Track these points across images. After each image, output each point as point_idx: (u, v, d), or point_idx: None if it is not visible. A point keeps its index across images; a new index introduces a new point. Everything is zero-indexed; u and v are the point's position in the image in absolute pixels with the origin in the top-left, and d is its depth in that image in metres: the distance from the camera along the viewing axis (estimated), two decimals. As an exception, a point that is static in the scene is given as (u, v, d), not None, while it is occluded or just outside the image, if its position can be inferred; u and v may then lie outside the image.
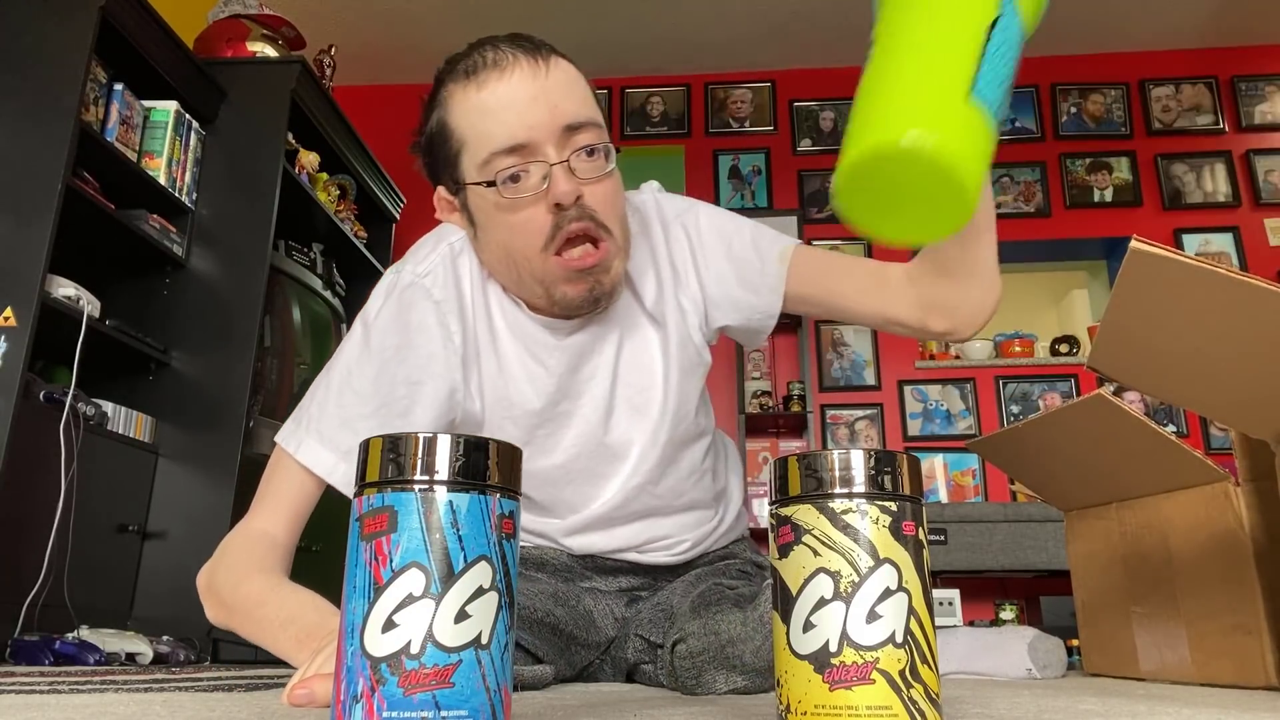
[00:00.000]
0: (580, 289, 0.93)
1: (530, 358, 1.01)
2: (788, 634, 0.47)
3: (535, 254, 0.91)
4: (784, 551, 0.48)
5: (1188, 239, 3.89)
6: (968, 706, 0.66)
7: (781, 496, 0.49)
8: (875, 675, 0.44)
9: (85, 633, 1.81)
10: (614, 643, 1.08)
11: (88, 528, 2.06)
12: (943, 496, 3.60)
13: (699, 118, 4.27)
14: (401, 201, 3.62)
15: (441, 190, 0.99)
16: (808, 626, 0.45)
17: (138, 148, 2.44)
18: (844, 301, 1.03)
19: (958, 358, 3.94)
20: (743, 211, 1.28)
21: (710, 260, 1.05)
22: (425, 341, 0.98)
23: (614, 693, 0.89)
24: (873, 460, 0.47)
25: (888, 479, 0.47)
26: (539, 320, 1.00)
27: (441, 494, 0.42)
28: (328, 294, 2.98)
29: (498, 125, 0.89)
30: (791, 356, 3.94)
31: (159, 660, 1.86)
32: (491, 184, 0.89)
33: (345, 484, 0.93)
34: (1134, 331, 0.89)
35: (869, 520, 0.46)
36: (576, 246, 0.91)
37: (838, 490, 0.47)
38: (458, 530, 0.42)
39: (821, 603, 0.46)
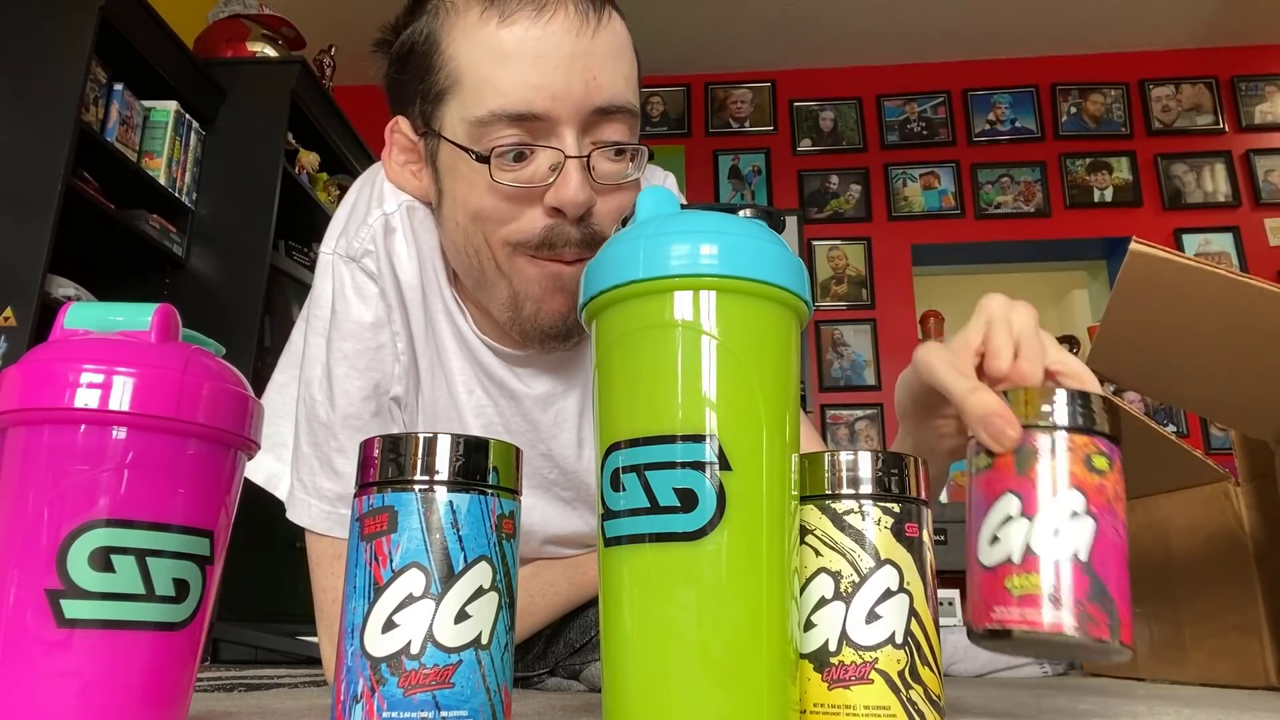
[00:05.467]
0: (558, 304, 0.74)
1: (483, 394, 0.83)
2: (789, 634, 0.47)
3: (505, 251, 0.73)
4: (785, 552, 0.48)
5: (1188, 239, 3.89)
6: (968, 706, 0.66)
7: None
8: (874, 675, 0.44)
9: (85, 633, 1.81)
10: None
11: (88, 528, 2.06)
12: (943, 496, 3.60)
13: (699, 118, 4.26)
14: (401, 201, 3.61)
15: (403, 124, 0.78)
16: (808, 626, 0.46)
17: (138, 148, 2.44)
18: None
19: (958, 358, 3.94)
20: (743, 211, 1.27)
21: None
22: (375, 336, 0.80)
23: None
24: (876, 462, 0.47)
25: (892, 481, 0.47)
26: (496, 350, 0.81)
27: (441, 494, 0.42)
28: (328, 294, 2.98)
29: (512, 79, 0.68)
30: (791, 356, 3.94)
31: (159, 660, 1.86)
32: (484, 159, 0.69)
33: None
34: (1134, 332, 0.89)
35: (871, 521, 0.46)
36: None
37: (841, 491, 0.47)
38: (458, 530, 0.42)
39: (822, 602, 0.46)
